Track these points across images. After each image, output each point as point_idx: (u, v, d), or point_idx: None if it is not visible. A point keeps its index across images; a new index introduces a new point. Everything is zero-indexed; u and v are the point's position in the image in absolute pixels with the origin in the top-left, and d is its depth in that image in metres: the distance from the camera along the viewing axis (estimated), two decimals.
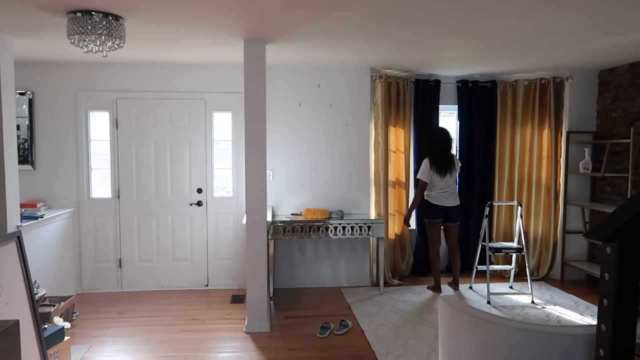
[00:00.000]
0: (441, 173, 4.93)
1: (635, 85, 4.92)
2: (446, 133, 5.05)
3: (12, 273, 2.91)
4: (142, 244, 5.22)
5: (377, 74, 5.26)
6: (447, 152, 4.98)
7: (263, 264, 4.09)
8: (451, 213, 5.00)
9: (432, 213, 5.02)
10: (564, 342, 1.83)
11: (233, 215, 5.29)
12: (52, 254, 4.62)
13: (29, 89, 4.95)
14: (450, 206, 4.98)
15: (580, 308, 4.63)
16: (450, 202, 4.97)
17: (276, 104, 5.15)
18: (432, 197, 4.99)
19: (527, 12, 3.16)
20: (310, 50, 4.35)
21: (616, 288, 1.39)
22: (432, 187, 4.97)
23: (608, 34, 3.78)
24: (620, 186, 5.11)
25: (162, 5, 3.02)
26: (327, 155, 5.30)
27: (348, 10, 3.11)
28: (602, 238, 1.42)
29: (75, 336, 3.92)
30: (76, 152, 5.07)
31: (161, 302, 4.83)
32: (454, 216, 5.03)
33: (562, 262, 5.58)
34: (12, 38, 3.86)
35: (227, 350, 3.74)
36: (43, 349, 3.00)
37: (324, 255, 5.37)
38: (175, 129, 5.18)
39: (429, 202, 5.01)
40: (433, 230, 5.09)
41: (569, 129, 5.50)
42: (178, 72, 5.10)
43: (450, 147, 5.02)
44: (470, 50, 4.34)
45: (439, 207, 4.97)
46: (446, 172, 4.94)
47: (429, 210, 5.05)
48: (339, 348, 3.77)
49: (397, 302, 4.77)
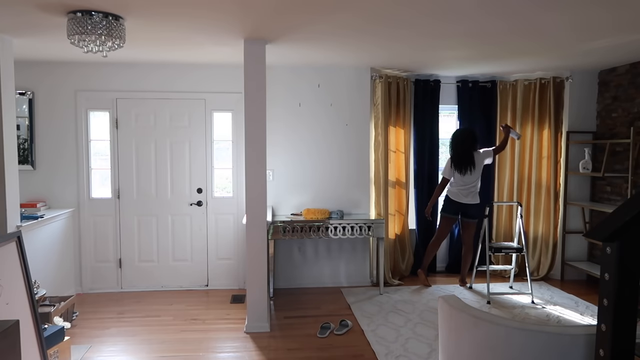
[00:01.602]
0: (460, 170, 5.07)
1: (635, 85, 4.92)
2: (460, 133, 5.18)
3: (12, 273, 2.91)
4: (142, 244, 5.22)
5: (377, 74, 5.26)
6: (462, 151, 5.07)
7: (263, 264, 4.09)
8: (470, 210, 5.14)
9: (449, 208, 5.21)
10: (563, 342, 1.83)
11: (233, 215, 5.29)
12: (52, 254, 4.62)
13: (29, 89, 4.95)
14: (468, 203, 5.11)
15: (580, 308, 4.62)
16: (469, 199, 5.10)
17: (276, 104, 5.16)
18: (452, 193, 5.18)
19: (528, 12, 3.16)
20: (310, 50, 4.36)
21: (616, 288, 1.39)
22: (453, 184, 5.16)
23: (608, 34, 3.78)
24: (620, 186, 5.11)
25: (162, 6, 3.02)
26: (327, 155, 5.30)
27: (343, 13, 3.16)
28: (602, 238, 1.42)
29: (75, 336, 3.92)
30: (76, 152, 5.07)
31: (161, 302, 4.83)
32: (472, 213, 5.16)
33: (562, 262, 5.58)
34: (12, 38, 3.86)
35: (227, 350, 3.74)
36: (43, 349, 3.00)
37: (324, 255, 5.37)
38: (175, 129, 5.18)
39: (449, 197, 5.21)
40: (444, 224, 5.27)
41: (569, 129, 5.50)
42: (178, 72, 5.10)
43: (467, 147, 5.07)
44: (469, 51, 4.35)
45: (456, 203, 5.14)
46: (464, 170, 5.06)
47: (446, 205, 5.25)
48: (339, 348, 3.77)
49: (397, 302, 4.77)
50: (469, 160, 5.06)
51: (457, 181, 5.11)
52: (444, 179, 5.21)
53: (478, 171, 5.08)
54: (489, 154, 5.20)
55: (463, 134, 5.16)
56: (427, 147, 5.62)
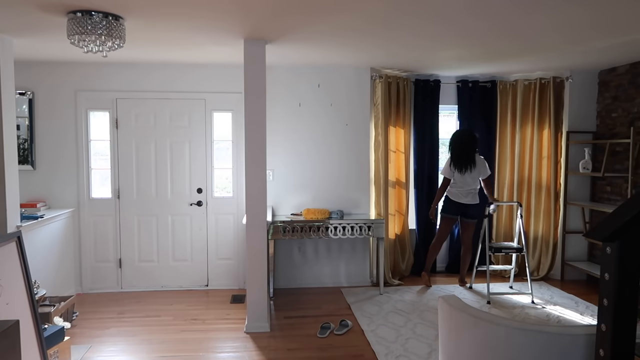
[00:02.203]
0: (460, 170, 5.08)
1: (635, 85, 4.92)
2: (460, 134, 5.18)
3: (12, 273, 2.91)
4: (142, 244, 5.22)
5: (377, 74, 5.26)
6: (461, 150, 5.08)
7: (263, 264, 4.09)
8: (469, 210, 5.16)
9: (449, 208, 5.22)
10: (563, 342, 1.83)
11: (233, 215, 5.29)
12: (52, 254, 4.62)
13: (29, 89, 4.95)
14: (468, 204, 5.13)
15: (580, 308, 4.62)
16: (468, 199, 5.13)
17: (276, 104, 5.15)
18: (452, 194, 5.19)
19: (527, 12, 3.16)
20: (310, 50, 4.36)
21: (616, 288, 1.39)
22: (453, 184, 5.16)
23: (608, 34, 3.78)
24: (620, 186, 5.11)
25: (162, 6, 3.02)
26: (327, 155, 5.30)
27: (341, 14, 3.18)
28: (602, 238, 1.42)
29: (75, 336, 3.92)
30: (76, 152, 5.07)
31: (161, 302, 4.83)
32: (472, 213, 5.18)
33: (562, 262, 5.58)
34: (12, 38, 3.86)
35: (227, 350, 3.74)
36: (43, 349, 3.00)
37: (324, 255, 5.37)
38: (175, 129, 5.18)
39: (448, 197, 5.23)
40: (444, 225, 5.28)
41: (569, 129, 5.50)
42: (178, 72, 5.10)
43: (466, 146, 5.06)
44: (468, 51, 4.35)
45: (456, 204, 5.16)
46: (464, 169, 5.07)
47: (446, 205, 5.26)
48: (339, 348, 3.77)
49: (397, 302, 4.77)
50: (468, 159, 5.07)
51: (457, 181, 5.12)
52: (445, 179, 5.21)
53: (477, 171, 5.08)
54: (485, 164, 5.16)
55: (463, 134, 5.17)
56: (427, 147, 5.62)
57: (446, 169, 5.19)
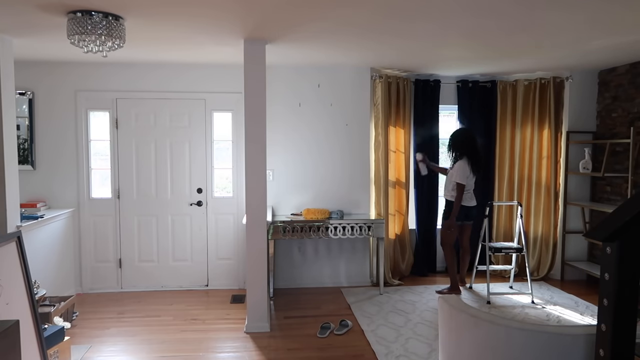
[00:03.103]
0: (478, 170, 4.97)
1: (635, 85, 4.92)
2: (465, 132, 5.09)
3: (12, 273, 2.91)
4: (142, 244, 5.22)
5: (377, 74, 5.26)
6: (475, 152, 4.96)
7: (263, 264, 4.09)
8: (471, 212, 5.06)
9: (459, 214, 4.91)
10: (564, 342, 1.83)
11: (233, 215, 5.29)
12: (52, 254, 4.62)
13: (28, 89, 4.95)
14: (472, 206, 5.03)
15: (580, 308, 4.63)
16: (473, 202, 5.03)
17: (276, 104, 5.15)
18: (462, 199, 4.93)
19: (526, 12, 3.16)
20: (310, 50, 4.35)
21: (616, 288, 1.39)
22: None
23: (608, 34, 3.78)
24: (620, 186, 5.11)
25: (162, 5, 3.02)
26: (327, 155, 5.30)
27: (348, 7, 3.10)
28: (602, 238, 1.42)
29: (75, 336, 3.92)
30: (76, 152, 5.06)
31: (161, 302, 4.83)
32: (473, 215, 5.10)
33: (562, 262, 5.58)
34: (12, 38, 3.86)
35: (227, 350, 3.74)
36: (43, 349, 3.00)
37: (324, 255, 5.37)
38: (175, 129, 5.17)
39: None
40: (454, 232, 5.01)
41: (569, 129, 5.50)
42: (178, 72, 5.10)
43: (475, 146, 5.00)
44: (469, 49, 4.34)
45: (466, 208, 4.97)
46: (479, 169, 4.99)
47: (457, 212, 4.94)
48: (339, 348, 3.77)
49: (397, 302, 4.77)
50: (481, 158, 5.04)
51: (468, 185, 4.90)
52: (460, 186, 4.82)
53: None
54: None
55: (468, 133, 5.05)
56: (427, 147, 5.61)
57: (465, 174, 4.81)
